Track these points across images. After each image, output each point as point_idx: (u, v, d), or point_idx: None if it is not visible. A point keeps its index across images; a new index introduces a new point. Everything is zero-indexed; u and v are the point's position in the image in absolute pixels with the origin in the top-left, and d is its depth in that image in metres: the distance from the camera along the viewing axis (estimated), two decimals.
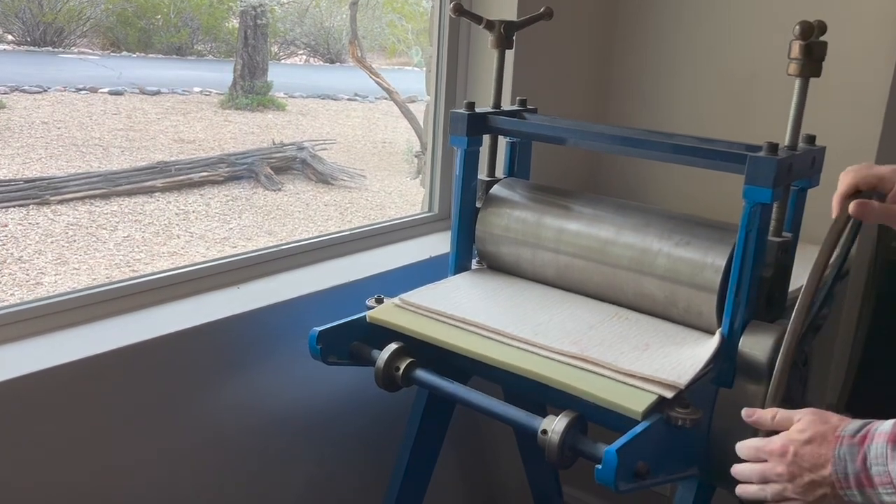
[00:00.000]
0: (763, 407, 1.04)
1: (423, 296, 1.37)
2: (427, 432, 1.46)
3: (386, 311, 1.33)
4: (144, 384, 1.24)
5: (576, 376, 1.13)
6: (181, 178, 5.74)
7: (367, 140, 7.81)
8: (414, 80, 8.15)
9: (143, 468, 1.27)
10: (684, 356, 1.16)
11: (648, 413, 1.04)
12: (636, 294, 1.31)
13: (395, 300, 1.36)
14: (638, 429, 1.01)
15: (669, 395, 1.07)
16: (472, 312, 1.30)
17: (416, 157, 7.01)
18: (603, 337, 1.23)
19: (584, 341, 1.21)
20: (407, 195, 6.47)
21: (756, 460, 0.98)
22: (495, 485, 2.10)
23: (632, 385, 1.10)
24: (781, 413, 0.98)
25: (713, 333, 1.22)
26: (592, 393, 1.09)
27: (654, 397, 1.07)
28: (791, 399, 1.28)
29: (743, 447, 1.00)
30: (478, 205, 1.48)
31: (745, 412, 1.03)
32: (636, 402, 1.06)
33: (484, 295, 1.40)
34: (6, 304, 1.21)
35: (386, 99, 7.45)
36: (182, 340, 1.27)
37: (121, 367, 1.20)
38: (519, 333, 1.23)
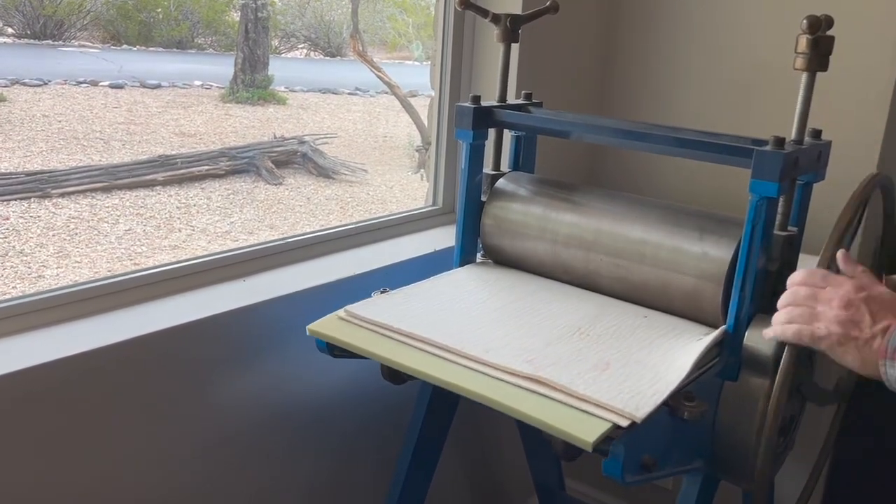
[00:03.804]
0: (769, 401, 1.05)
1: (370, 308, 1.28)
2: (431, 424, 1.47)
3: (327, 325, 1.25)
4: (149, 377, 1.24)
5: (524, 400, 1.05)
6: (182, 171, 5.74)
7: (368, 134, 7.81)
8: (415, 74, 8.15)
9: (147, 461, 1.28)
10: (645, 381, 1.08)
11: (600, 443, 0.96)
12: (639, 287, 1.31)
13: (340, 312, 1.27)
14: (645, 421, 1.02)
15: (625, 423, 0.98)
16: (421, 326, 1.21)
17: (417, 151, 7.01)
18: (560, 354, 1.14)
19: (540, 359, 1.12)
20: (408, 189, 6.47)
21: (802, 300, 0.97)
22: (498, 477, 2.11)
23: (585, 410, 1.01)
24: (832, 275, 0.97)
25: (716, 327, 1.23)
26: (541, 420, 1.00)
27: (607, 425, 0.98)
28: (799, 392, 1.29)
29: (800, 277, 0.99)
30: (483, 198, 1.48)
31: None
32: (588, 430, 0.97)
33: (453, 300, 1.32)
34: (8, 297, 1.21)
35: (387, 93, 7.44)
36: (188, 333, 1.27)
37: (125, 360, 1.20)
38: (469, 351, 1.15)
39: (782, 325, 1.01)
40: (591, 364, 1.12)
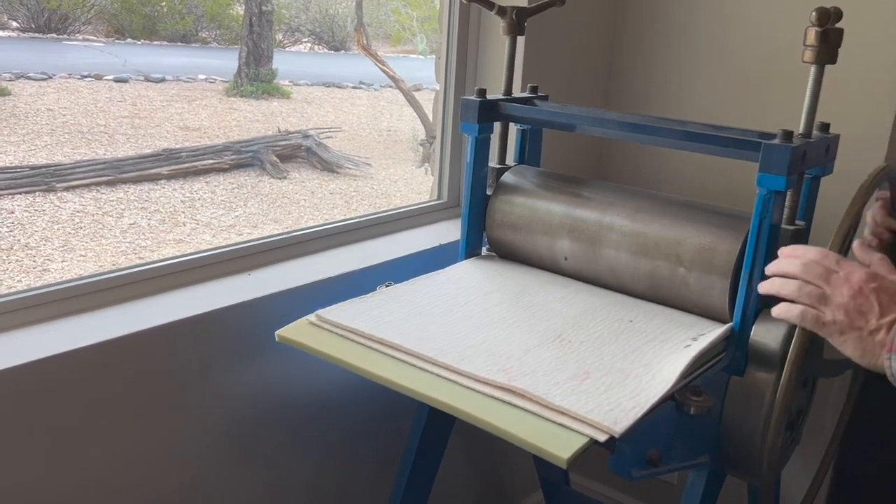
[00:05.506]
0: (776, 395, 1.04)
1: (343, 312, 1.23)
2: (436, 419, 1.46)
3: (296, 330, 1.20)
4: (153, 372, 1.24)
5: (497, 411, 1.00)
6: (186, 165, 5.74)
7: (372, 128, 7.80)
8: (419, 68, 8.14)
9: (151, 455, 1.28)
10: (626, 392, 1.03)
11: (575, 459, 0.91)
12: (645, 281, 1.31)
13: (311, 316, 1.23)
14: (651, 417, 1.01)
15: (602, 438, 0.93)
16: (395, 332, 1.17)
17: (421, 145, 7.01)
18: (539, 363, 1.09)
19: (517, 368, 1.07)
20: (412, 183, 6.47)
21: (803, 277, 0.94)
22: (503, 472, 2.11)
23: (560, 424, 0.96)
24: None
25: (723, 321, 1.22)
26: (512, 433, 0.96)
27: (584, 440, 0.93)
28: (805, 385, 1.28)
29: (814, 254, 0.95)
30: (488, 192, 1.48)
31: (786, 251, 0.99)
32: (563, 445, 0.92)
33: (434, 302, 1.28)
34: (13, 290, 1.20)
35: (391, 87, 7.44)
36: (192, 327, 1.27)
37: (129, 354, 1.20)
38: (443, 358, 1.10)
39: (788, 304, 0.98)
40: (570, 373, 1.07)
